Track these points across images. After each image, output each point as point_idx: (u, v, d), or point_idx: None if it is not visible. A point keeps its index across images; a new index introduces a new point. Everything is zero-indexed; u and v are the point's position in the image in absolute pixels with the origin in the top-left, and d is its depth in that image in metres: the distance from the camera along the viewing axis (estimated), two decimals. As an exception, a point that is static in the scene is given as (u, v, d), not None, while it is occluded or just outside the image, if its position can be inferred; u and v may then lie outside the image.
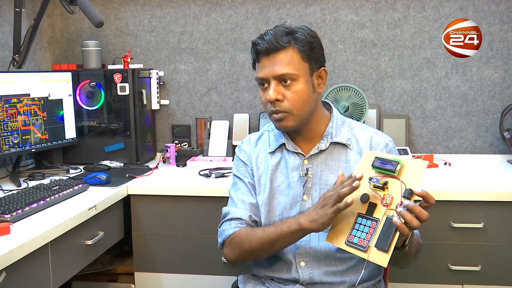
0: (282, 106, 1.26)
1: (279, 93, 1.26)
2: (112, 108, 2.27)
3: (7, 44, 2.16)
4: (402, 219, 1.05)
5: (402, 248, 1.15)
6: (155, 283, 1.91)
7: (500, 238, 1.72)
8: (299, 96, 1.26)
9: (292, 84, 1.25)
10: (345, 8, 2.32)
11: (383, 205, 1.09)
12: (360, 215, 1.12)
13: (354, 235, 1.11)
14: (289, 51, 1.25)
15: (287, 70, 1.24)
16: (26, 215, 1.46)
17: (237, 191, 1.39)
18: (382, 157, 1.11)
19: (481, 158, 2.27)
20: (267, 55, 1.25)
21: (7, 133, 1.90)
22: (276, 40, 1.23)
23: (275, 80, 1.26)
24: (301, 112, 1.28)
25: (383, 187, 1.09)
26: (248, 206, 1.35)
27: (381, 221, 1.08)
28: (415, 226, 1.05)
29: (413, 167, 1.08)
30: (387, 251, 1.06)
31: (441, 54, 2.27)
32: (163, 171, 2.14)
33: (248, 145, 1.43)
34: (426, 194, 1.07)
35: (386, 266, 1.08)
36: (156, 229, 1.88)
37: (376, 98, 2.35)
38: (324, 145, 1.33)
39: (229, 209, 1.37)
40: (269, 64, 1.25)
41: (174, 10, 2.43)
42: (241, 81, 2.43)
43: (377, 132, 1.38)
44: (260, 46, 1.25)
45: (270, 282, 1.36)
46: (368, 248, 1.08)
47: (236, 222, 1.33)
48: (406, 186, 1.07)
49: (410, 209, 1.05)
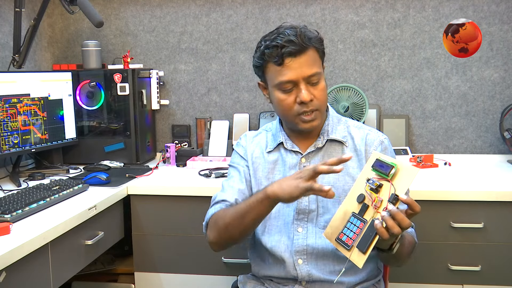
0: (314, 105, 1.27)
1: (311, 93, 1.26)
2: (112, 108, 2.27)
3: (7, 44, 2.16)
4: (384, 223, 1.04)
5: (389, 250, 1.15)
6: (155, 283, 1.91)
7: (500, 238, 1.72)
8: (324, 93, 1.28)
9: (319, 82, 1.27)
10: (345, 8, 2.32)
11: (373, 207, 1.10)
12: (353, 214, 1.12)
13: (344, 233, 1.12)
14: (311, 50, 1.25)
15: (316, 70, 1.25)
16: (26, 215, 1.46)
17: (229, 179, 1.41)
18: (382, 159, 1.11)
19: (481, 158, 2.27)
20: (294, 57, 1.23)
21: (7, 133, 1.90)
22: (303, 41, 1.22)
23: (304, 81, 1.25)
24: (324, 108, 1.32)
25: (376, 190, 1.10)
26: (236, 191, 1.36)
27: (367, 223, 1.09)
28: (395, 233, 1.03)
29: (404, 173, 1.08)
30: (364, 253, 1.07)
31: (441, 54, 2.27)
32: (163, 171, 2.14)
33: (245, 141, 1.45)
34: (411, 201, 1.05)
35: (360, 267, 1.08)
36: (156, 229, 1.88)
37: (376, 98, 2.35)
38: (321, 143, 1.34)
39: (216, 194, 1.39)
40: (297, 66, 1.23)
41: (174, 10, 2.43)
42: (241, 81, 2.43)
43: (373, 130, 1.38)
44: (290, 48, 1.22)
45: (269, 283, 1.36)
46: (352, 247, 1.10)
47: (220, 204, 1.34)
48: (395, 191, 1.06)
49: (392, 215, 1.04)
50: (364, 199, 1.12)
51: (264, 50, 1.26)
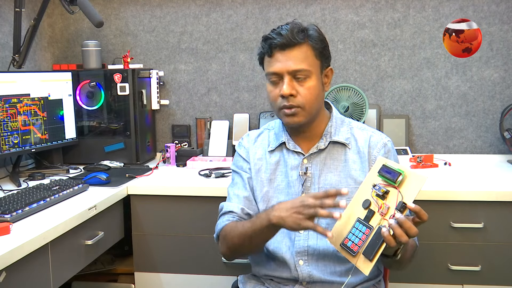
0: (295, 101, 1.26)
1: (293, 88, 1.26)
2: (112, 108, 2.27)
3: (7, 44, 2.16)
4: (391, 231, 1.04)
5: (394, 256, 1.14)
6: (155, 283, 1.91)
7: (500, 238, 1.72)
8: (311, 92, 1.27)
9: (306, 80, 1.26)
10: (345, 8, 2.32)
11: (379, 213, 1.09)
12: (359, 220, 1.11)
13: (349, 239, 1.11)
14: (304, 47, 1.26)
15: (302, 66, 1.25)
16: (26, 215, 1.46)
17: (234, 186, 1.41)
18: (389, 165, 1.10)
19: (481, 158, 2.27)
20: (282, 50, 1.25)
21: (7, 133, 1.90)
22: (293, 36, 1.24)
23: (289, 75, 1.26)
24: (311, 108, 1.29)
25: (383, 196, 1.09)
26: (242, 199, 1.36)
27: (374, 230, 1.08)
28: (402, 241, 1.03)
29: (412, 180, 1.07)
30: (371, 260, 1.07)
31: (441, 54, 2.27)
32: (163, 171, 2.14)
33: (248, 142, 1.44)
34: (419, 210, 1.05)
35: (367, 274, 1.08)
36: (156, 229, 1.88)
37: (376, 98, 2.35)
38: (323, 144, 1.33)
39: (223, 204, 1.39)
40: (284, 59, 1.25)
41: (174, 10, 2.43)
42: (241, 81, 2.43)
43: (376, 132, 1.38)
44: (276, 40, 1.24)
45: (270, 282, 1.36)
46: (358, 254, 1.09)
47: (228, 216, 1.34)
48: (402, 199, 1.06)
49: (400, 223, 1.03)
50: (370, 205, 1.11)
51: (261, 42, 1.30)
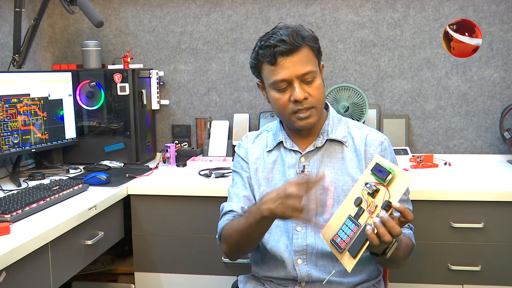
0: (308, 103, 1.27)
1: (305, 92, 1.26)
2: (112, 108, 2.27)
3: (7, 44, 2.16)
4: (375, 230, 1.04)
5: (382, 255, 1.14)
6: (155, 283, 1.91)
7: (500, 238, 1.72)
8: (320, 91, 1.28)
9: (314, 81, 1.27)
10: (345, 8, 2.32)
11: (368, 211, 1.09)
12: (349, 217, 1.12)
13: (339, 235, 1.12)
14: (305, 49, 1.26)
15: (310, 68, 1.25)
16: (26, 215, 1.46)
17: (234, 186, 1.42)
18: (381, 164, 1.10)
19: (481, 158, 2.27)
20: (287, 56, 1.24)
21: (7, 133, 1.90)
22: (296, 40, 1.23)
23: (298, 79, 1.26)
24: (321, 106, 1.32)
25: (373, 194, 1.09)
26: (242, 198, 1.37)
27: (361, 227, 1.08)
28: (386, 240, 1.03)
29: (399, 180, 1.07)
30: (354, 257, 1.07)
31: (441, 54, 2.27)
32: (163, 171, 2.14)
33: (246, 142, 1.45)
34: (404, 209, 1.04)
35: (349, 271, 1.08)
36: (156, 229, 1.88)
37: (376, 98, 2.35)
38: (320, 142, 1.34)
39: (224, 204, 1.40)
40: (291, 65, 1.24)
41: (174, 10, 2.43)
42: (241, 81, 2.43)
43: (373, 130, 1.39)
44: (281, 47, 1.23)
45: (269, 284, 1.36)
46: (344, 250, 1.09)
47: (228, 215, 1.35)
48: (389, 197, 1.06)
49: (383, 222, 1.03)
50: (360, 203, 1.11)
51: (258, 50, 1.28)
